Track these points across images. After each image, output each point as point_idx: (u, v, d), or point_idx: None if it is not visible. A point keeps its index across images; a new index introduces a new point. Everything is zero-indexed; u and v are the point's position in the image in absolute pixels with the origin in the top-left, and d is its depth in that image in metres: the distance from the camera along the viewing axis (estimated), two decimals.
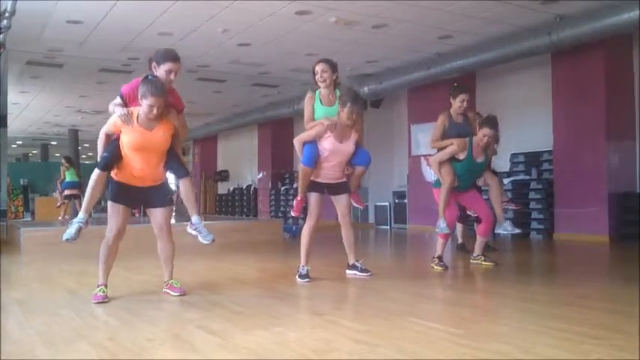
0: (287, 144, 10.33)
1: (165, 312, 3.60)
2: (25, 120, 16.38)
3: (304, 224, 4.70)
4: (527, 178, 9.00)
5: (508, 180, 8.96)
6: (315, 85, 4.66)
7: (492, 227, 5.52)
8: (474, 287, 4.65)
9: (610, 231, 7.82)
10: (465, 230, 6.69)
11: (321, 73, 4.58)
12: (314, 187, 4.59)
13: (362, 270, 4.76)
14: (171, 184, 4.59)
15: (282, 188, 15.16)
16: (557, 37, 7.58)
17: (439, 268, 5.12)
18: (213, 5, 7.08)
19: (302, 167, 4.50)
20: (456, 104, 5.47)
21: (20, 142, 22.68)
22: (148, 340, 2.81)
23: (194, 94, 12.21)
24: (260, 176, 16.38)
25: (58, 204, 12.66)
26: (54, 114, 15.56)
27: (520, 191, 8.91)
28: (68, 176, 12.20)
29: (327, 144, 4.48)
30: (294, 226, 9.67)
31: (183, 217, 9.44)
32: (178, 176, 3.92)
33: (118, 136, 3.78)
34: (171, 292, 3.96)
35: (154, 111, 3.67)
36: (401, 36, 8.40)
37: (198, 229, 3.88)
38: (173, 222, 4.39)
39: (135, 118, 3.73)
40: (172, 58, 3.88)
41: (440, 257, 5.19)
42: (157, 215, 3.96)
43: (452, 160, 5.10)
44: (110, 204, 3.85)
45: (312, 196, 4.60)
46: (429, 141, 5.64)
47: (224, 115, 16.18)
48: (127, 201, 3.91)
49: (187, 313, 3.43)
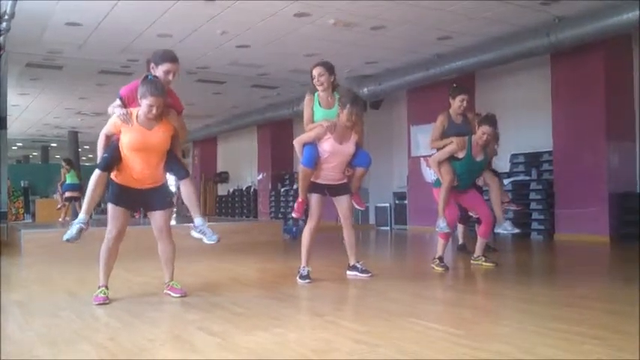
0: (287, 145, 10.34)
1: (166, 313, 3.60)
2: (25, 122, 16.40)
3: (304, 225, 4.71)
4: (527, 178, 9.01)
5: (508, 180, 8.97)
6: (313, 87, 4.66)
7: (492, 228, 5.52)
8: (475, 288, 4.65)
9: (610, 231, 7.82)
10: (466, 231, 6.70)
11: (318, 77, 4.58)
12: (314, 188, 4.59)
13: (362, 271, 4.76)
14: (171, 185, 4.59)
15: (282, 189, 15.16)
16: (556, 37, 7.59)
17: (440, 269, 5.12)
18: (212, 7, 7.09)
19: (302, 168, 4.51)
20: (456, 104, 5.46)
21: (20, 144, 22.70)
22: (149, 340, 2.81)
23: (193, 95, 12.22)
24: (260, 177, 16.38)
25: (59, 206, 12.68)
26: (54, 116, 15.57)
27: (520, 192, 8.92)
28: (69, 178, 12.21)
29: (327, 145, 4.48)
30: (294, 227, 9.67)
31: (184, 219, 9.43)
32: (179, 177, 3.91)
33: (118, 138, 3.78)
34: (172, 294, 3.96)
35: (154, 111, 3.67)
36: (400, 37, 8.40)
37: (202, 231, 3.85)
38: (173, 223, 4.40)
39: (134, 118, 3.73)
40: (171, 58, 3.88)
41: (440, 258, 5.19)
42: (157, 218, 3.96)
43: (451, 159, 5.10)
44: (110, 206, 3.85)
45: (313, 198, 4.61)
46: (428, 142, 5.64)
47: (224, 116, 16.19)
48: (127, 203, 3.91)
49: (188, 315, 3.43)
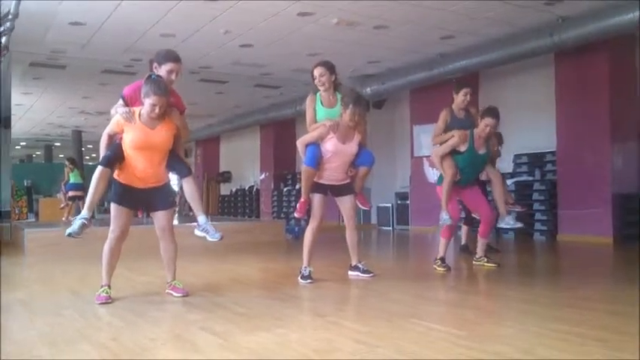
0: (289, 145, 10.34)
1: (168, 313, 3.60)
2: (28, 121, 16.44)
3: (307, 225, 4.71)
4: (530, 179, 8.99)
5: (511, 181, 8.95)
6: (315, 87, 4.66)
7: (492, 229, 5.50)
8: (477, 289, 4.65)
9: (614, 232, 7.79)
10: (469, 232, 6.69)
11: (319, 77, 4.58)
12: (317, 188, 4.59)
13: (364, 271, 4.76)
14: (174, 184, 4.59)
15: (285, 189, 15.15)
16: (559, 37, 7.57)
17: (442, 270, 5.11)
18: (215, 6, 7.10)
19: (305, 168, 4.50)
20: (459, 98, 5.45)
21: (24, 144, 22.77)
22: (151, 340, 2.82)
23: (196, 95, 12.23)
24: (262, 177, 16.37)
25: (62, 205, 12.69)
26: (57, 115, 15.61)
27: (523, 192, 8.90)
28: (72, 177, 12.22)
29: (329, 145, 4.48)
30: (297, 227, 9.67)
31: (186, 218, 9.44)
32: (181, 175, 3.90)
33: (121, 137, 3.79)
34: (174, 293, 3.97)
35: (157, 110, 3.67)
36: (403, 37, 8.39)
37: (205, 229, 3.86)
38: (176, 223, 4.40)
39: (137, 116, 3.74)
40: (173, 58, 3.89)
41: (442, 258, 5.19)
42: (160, 217, 3.97)
43: (453, 153, 5.08)
44: (113, 206, 3.85)
45: (316, 198, 4.61)
46: (431, 139, 5.62)
47: (226, 116, 16.20)
48: (130, 203, 3.92)
49: (190, 314, 3.44)
